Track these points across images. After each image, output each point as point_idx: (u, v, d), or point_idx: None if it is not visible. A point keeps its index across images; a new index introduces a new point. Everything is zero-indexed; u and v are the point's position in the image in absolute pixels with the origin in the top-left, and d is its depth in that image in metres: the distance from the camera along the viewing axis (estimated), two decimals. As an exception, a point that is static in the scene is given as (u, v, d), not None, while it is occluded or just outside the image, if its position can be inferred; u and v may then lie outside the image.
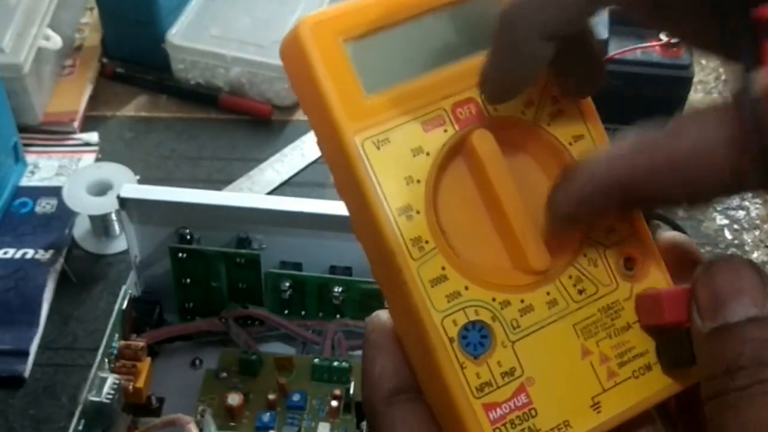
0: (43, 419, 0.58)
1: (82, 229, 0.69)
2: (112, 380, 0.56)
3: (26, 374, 0.60)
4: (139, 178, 0.69)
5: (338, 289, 0.61)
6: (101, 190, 0.67)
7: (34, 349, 0.62)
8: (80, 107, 0.81)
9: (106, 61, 0.85)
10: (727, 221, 0.74)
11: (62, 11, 0.81)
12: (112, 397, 0.55)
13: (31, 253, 0.67)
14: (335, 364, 0.60)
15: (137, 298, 0.63)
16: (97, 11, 0.87)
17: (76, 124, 0.79)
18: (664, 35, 0.73)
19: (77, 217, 0.69)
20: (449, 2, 0.28)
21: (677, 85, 0.74)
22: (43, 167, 0.75)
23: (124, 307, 0.60)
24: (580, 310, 0.28)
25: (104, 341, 0.57)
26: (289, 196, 0.65)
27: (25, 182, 0.74)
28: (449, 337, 0.26)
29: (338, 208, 0.56)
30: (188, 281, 0.63)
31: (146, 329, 0.62)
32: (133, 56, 0.85)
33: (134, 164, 0.70)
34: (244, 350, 0.61)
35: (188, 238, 0.61)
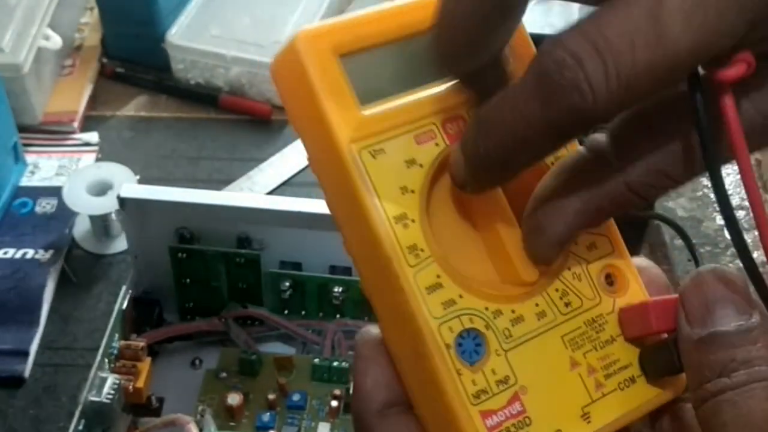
0: (43, 419, 0.58)
1: (82, 229, 0.69)
2: (112, 380, 0.56)
3: (26, 374, 0.60)
4: (139, 178, 0.69)
5: (338, 289, 0.61)
6: (101, 190, 0.67)
7: (34, 349, 0.61)
8: (80, 107, 0.81)
9: (106, 61, 0.85)
10: (727, 221, 0.74)
11: (62, 11, 0.81)
12: (112, 397, 0.55)
13: (31, 253, 0.67)
14: (335, 364, 0.60)
15: (137, 298, 0.63)
16: (97, 11, 0.87)
17: (75, 124, 0.79)
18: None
19: (77, 217, 0.69)
20: None
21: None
22: (43, 167, 0.75)
23: (124, 307, 0.60)
24: (566, 322, 0.28)
25: (104, 341, 0.57)
26: (289, 196, 0.65)
27: (25, 182, 0.74)
28: (446, 343, 0.26)
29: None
30: (188, 281, 0.63)
31: (146, 329, 0.62)
32: (132, 56, 0.85)
33: (134, 164, 0.70)
34: (244, 350, 0.61)
35: (188, 238, 0.61)
